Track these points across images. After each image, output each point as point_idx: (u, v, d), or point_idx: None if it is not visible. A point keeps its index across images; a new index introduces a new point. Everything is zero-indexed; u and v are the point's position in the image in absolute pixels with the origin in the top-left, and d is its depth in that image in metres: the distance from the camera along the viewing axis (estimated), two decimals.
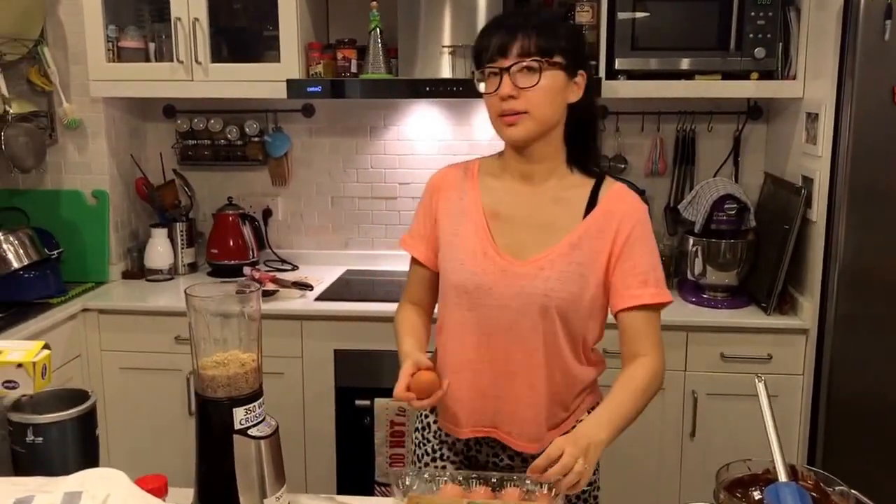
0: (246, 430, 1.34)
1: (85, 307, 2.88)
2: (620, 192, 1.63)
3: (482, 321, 1.62)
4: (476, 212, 1.64)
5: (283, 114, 3.31)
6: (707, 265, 2.76)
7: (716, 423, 2.69)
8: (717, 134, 3.15)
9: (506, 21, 1.58)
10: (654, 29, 2.74)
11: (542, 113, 1.54)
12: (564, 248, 1.58)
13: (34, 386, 1.32)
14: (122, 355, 2.89)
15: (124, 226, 3.27)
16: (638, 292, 1.58)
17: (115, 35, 2.99)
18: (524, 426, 1.66)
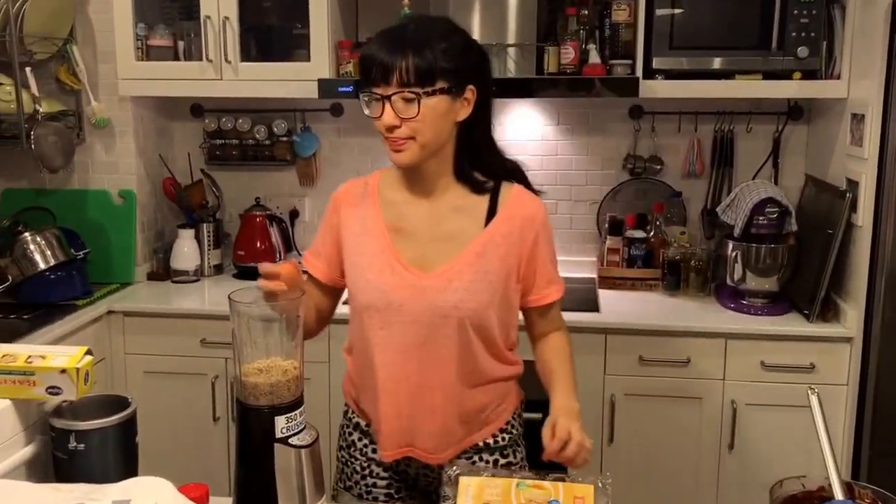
0: (287, 439, 1.30)
1: (110, 309, 2.84)
2: (519, 196, 1.66)
3: (395, 339, 1.60)
4: (378, 229, 1.63)
5: (311, 113, 3.26)
6: (747, 270, 2.69)
7: (756, 434, 2.62)
8: (757, 135, 3.07)
9: (387, 42, 1.51)
10: (692, 27, 2.67)
11: (426, 139, 1.54)
12: (471, 258, 1.59)
13: (77, 392, 1.30)
14: (147, 359, 2.85)
15: (150, 226, 3.24)
16: (546, 291, 1.69)
17: (144, 33, 2.96)
18: (440, 439, 1.65)
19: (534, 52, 2.82)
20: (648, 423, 2.66)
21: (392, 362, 1.61)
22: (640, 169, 3.13)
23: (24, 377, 1.30)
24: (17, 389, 1.30)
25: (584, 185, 3.21)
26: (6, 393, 1.29)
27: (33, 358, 1.31)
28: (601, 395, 2.65)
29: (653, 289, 2.97)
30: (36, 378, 1.30)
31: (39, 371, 1.30)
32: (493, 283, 1.59)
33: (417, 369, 1.60)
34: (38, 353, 1.32)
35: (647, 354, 2.61)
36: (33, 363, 1.30)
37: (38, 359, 1.31)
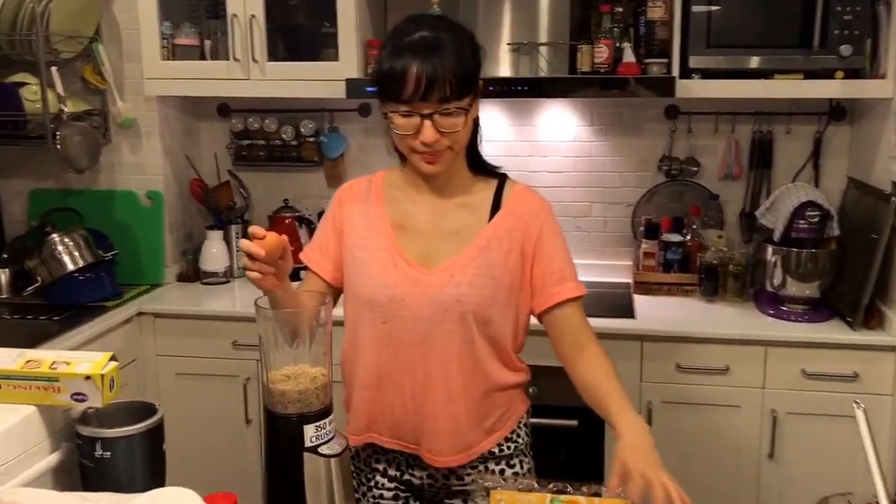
0: (316, 448, 1.26)
1: (140, 310, 2.82)
2: (523, 192, 1.64)
3: (397, 333, 1.57)
4: (382, 225, 1.60)
5: (339, 113, 3.22)
6: (787, 276, 2.61)
7: (797, 443, 2.53)
8: (797, 136, 2.98)
9: (419, 53, 1.43)
10: (730, 25, 2.59)
11: (461, 146, 1.54)
12: (473, 252, 1.57)
13: (102, 399, 1.27)
14: (178, 360, 2.83)
15: (179, 227, 3.22)
16: (558, 289, 1.60)
17: (169, 32, 2.93)
18: (446, 440, 1.60)
19: (566, 51, 2.75)
20: (686, 431, 2.59)
21: (395, 356, 1.58)
22: (675, 171, 3.05)
23: (49, 383, 1.26)
24: (41, 396, 1.27)
25: (619, 188, 3.14)
26: (31, 399, 1.26)
27: (58, 364, 1.28)
28: (637, 403, 2.58)
29: (689, 294, 2.89)
30: (60, 384, 1.26)
31: (64, 377, 1.26)
32: (497, 277, 1.56)
33: (421, 365, 1.57)
34: (63, 359, 1.29)
35: (684, 362, 2.54)
36: (57, 369, 1.27)
37: (63, 364, 1.28)
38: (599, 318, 2.61)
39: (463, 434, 1.60)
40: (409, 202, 1.62)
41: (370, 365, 1.60)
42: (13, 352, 1.31)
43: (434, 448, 1.60)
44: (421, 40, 1.45)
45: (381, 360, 1.59)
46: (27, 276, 2.85)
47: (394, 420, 1.62)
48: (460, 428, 1.60)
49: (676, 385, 2.56)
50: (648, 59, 2.68)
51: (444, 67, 1.42)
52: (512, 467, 1.67)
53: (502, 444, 1.66)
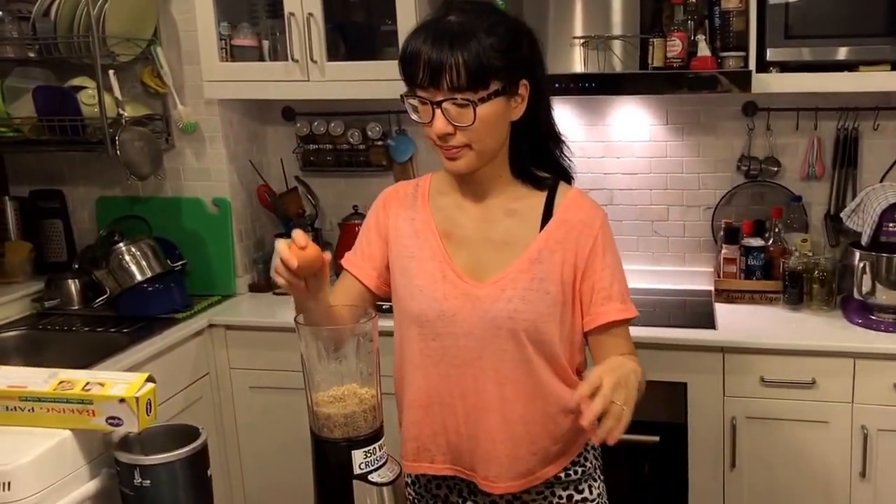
0: (366, 475, 1.19)
1: (211, 322, 2.79)
2: (576, 198, 1.53)
3: (448, 351, 1.47)
4: (429, 233, 1.52)
5: (405, 115, 3.14)
6: (876, 283, 2.43)
7: (890, 462, 2.36)
8: (885, 132, 2.79)
9: (432, 37, 1.34)
10: (811, 14, 2.41)
11: (482, 147, 1.42)
12: (524, 265, 1.47)
13: (139, 423, 1.20)
14: (251, 373, 2.78)
15: (249, 235, 3.18)
16: (602, 309, 1.49)
17: (227, 33, 2.86)
18: (504, 466, 1.49)
19: (637, 46, 2.63)
20: (772, 447, 2.44)
21: (447, 375, 1.49)
22: (755, 171, 2.89)
23: (83, 406, 1.20)
24: (75, 419, 1.21)
25: (697, 190, 2.99)
26: (64, 423, 1.21)
27: (91, 385, 1.21)
28: (720, 419, 2.45)
29: (773, 302, 2.73)
30: (94, 407, 1.20)
31: (98, 400, 1.20)
32: (551, 292, 1.47)
33: (472, 386, 1.48)
34: (97, 380, 1.23)
35: (768, 375, 2.39)
36: (91, 391, 1.20)
37: (97, 386, 1.21)
38: (679, 328, 2.53)
39: (523, 459, 1.51)
40: (455, 208, 1.54)
41: (419, 384, 1.52)
42: (45, 372, 1.26)
43: (491, 474, 1.51)
44: (442, 24, 1.37)
45: (430, 379, 1.51)
46: (97, 286, 2.85)
47: (447, 443, 1.53)
48: (520, 452, 1.50)
49: (761, 399, 2.41)
50: (724, 53, 2.54)
51: (454, 54, 1.33)
52: (580, 492, 1.57)
53: (568, 469, 1.56)
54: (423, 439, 1.54)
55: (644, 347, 1.77)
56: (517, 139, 1.48)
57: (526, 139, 1.50)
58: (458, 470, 1.55)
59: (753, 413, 2.44)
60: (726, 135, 2.93)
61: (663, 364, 2.43)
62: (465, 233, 1.52)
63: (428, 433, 1.53)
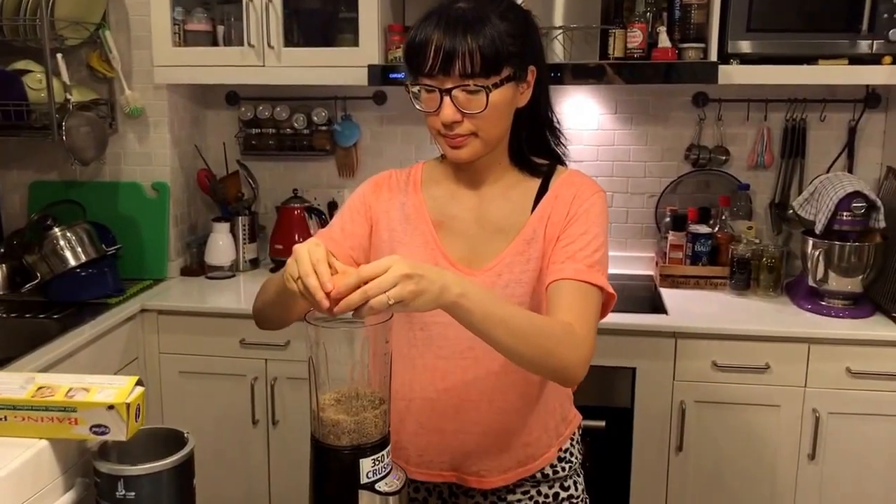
0: (373, 485, 1.13)
1: (144, 307, 2.69)
2: (571, 175, 1.48)
3: (434, 342, 1.43)
4: (421, 220, 1.46)
5: (352, 101, 3.08)
6: (829, 270, 2.49)
7: (839, 444, 2.43)
8: (830, 124, 2.87)
9: (442, 21, 1.31)
10: (772, 8, 2.46)
11: (489, 135, 1.38)
12: (520, 247, 1.42)
13: (127, 431, 1.10)
14: (183, 359, 2.69)
15: (184, 220, 3.08)
16: (562, 266, 1.36)
17: (181, 18, 2.79)
18: (495, 460, 1.46)
19: (597, 36, 2.61)
20: (721, 431, 2.48)
21: (433, 368, 1.44)
22: (704, 160, 2.93)
23: (65, 414, 1.10)
24: (55, 428, 1.10)
25: (643, 178, 3.02)
26: (41, 432, 1.10)
27: (75, 391, 1.12)
28: (669, 402, 2.48)
29: (718, 287, 2.78)
30: (78, 415, 1.10)
31: (82, 407, 1.10)
32: (544, 269, 1.41)
33: (461, 379, 1.43)
34: (81, 385, 1.13)
35: (721, 359, 2.43)
36: (75, 397, 1.11)
37: (81, 392, 1.11)
38: (631, 313, 2.53)
39: (517, 450, 1.48)
40: (449, 197, 1.48)
41: (403, 377, 1.46)
42: (21, 377, 1.15)
43: (483, 469, 1.47)
44: (453, 11, 1.33)
45: (415, 370, 1.45)
46: (25, 272, 2.71)
47: (427, 442, 1.47)
48: (513, 443, 1.47)
49: (712, 384, 2.45)
50: (684, 44, 2.55)
51: (468, 39, 1.29)
52: (566, 489, 1.55)
53: (556, 465, 1.54)
54: (402, 437, 1.48)
55: None
56: (517, 127, 1.44)
57: (526, 126, 1.46)
58: (435, 474, 1.49)
59: (703, 397, 2.47)
60: (676, 125, 2.96)
61: (612, 349, 2.44)
62: (458, 222, 1.47)
63: (409, 430, 1.48)
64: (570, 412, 1.59)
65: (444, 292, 1.13)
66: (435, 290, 1.12)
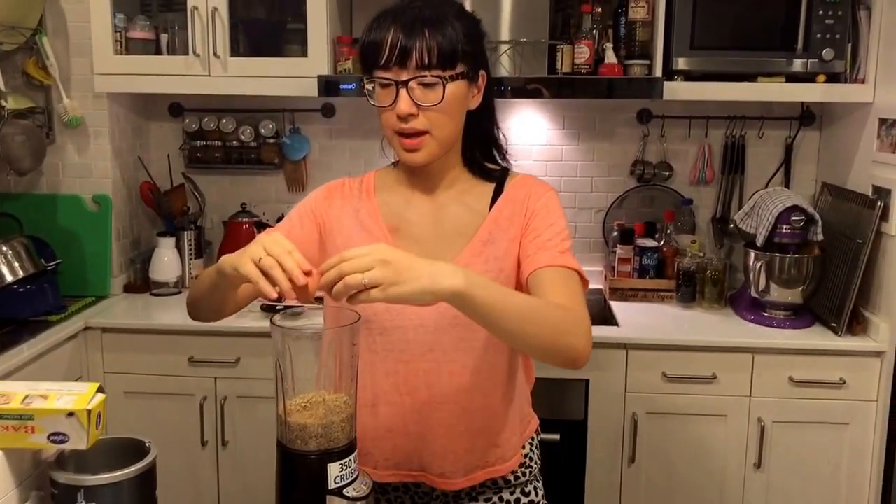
0: (341, 490, 1.11)
1: (87, 325, 2.61)
2: (525, 178, 1.52)
3: (395, 346, 1.42)
4: (376, 226, 1.47)
5: (300, 114, 3.06)
6: (771, 282, 2.56)
7: (784, 452, 2.49)
8: (768, 141, 2.96)
9: (399, 19, 1.34)
10: (714, 26, 2.54)
11: (443, 133, 1.39)
12: (477, 248, 1.43)
13: (87, 440, 1.06)
14: (128, 378, 2.61)
15: (127, 234, 3.01)
16: (536, 258, 1.38)
17: (122, 25, 2.73)
18: (461, 461, 1.47)
19: (545, 52, 2.66)
20: (671, 442, 2.52)
21: (394, 372, 1.43)
22: (648, 175, 3.00)
23: (21, 422, 1.06)
24: (10, 437, 1.06)
25: (590, 192, 3.07)
26: None
27: (32, 398, 1.07)
28: (622, 414, 2.50)
29: (665, 300, 2.84)
30: (35, 423, 1.06)
31: (40, 414, 1.06)
32: (505, 269, 1.43)
33: (425, 380, 1.43)
34: (38, 392, 1.09)
35: (670, 371, 2.47)
36: (32, 404, 1.06)
37: (39, 399, 1.07)
38: None
39: (482, 450, 1.48)
40: (403, 203, 1.49)
41: (364, 383, 1.44)
42: None
43: (448, 471, 1.46)
44: (412, 11, 1.36)
45: (376, 377, 1.45)
46: None
47: (393, 446, 1.47)
48: (478, 444, 1.47)
49: (662, 395, 2.49)
50: (629, 61, 2.61)
51: (426, 34, 1.32)
52: (527, 495, 1.55)
53: (517, 470, 1.54)
54: (366, 443, 1.46)
55: None
56: (469, 132, 1.47)
57: (476, 132, 1.48)
58: (405, 474, 1.49)
59: (654, 408, 2.51)
60: (621, 140, 3.02)
61: None
62: (414, 227, 1.47)
63: (371, 437, 1.47)
64: (530, 414, 1.60)
65: (438, 282, 1.11)
66: (423, 279, 1.10)
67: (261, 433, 2.57)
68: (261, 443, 2.58)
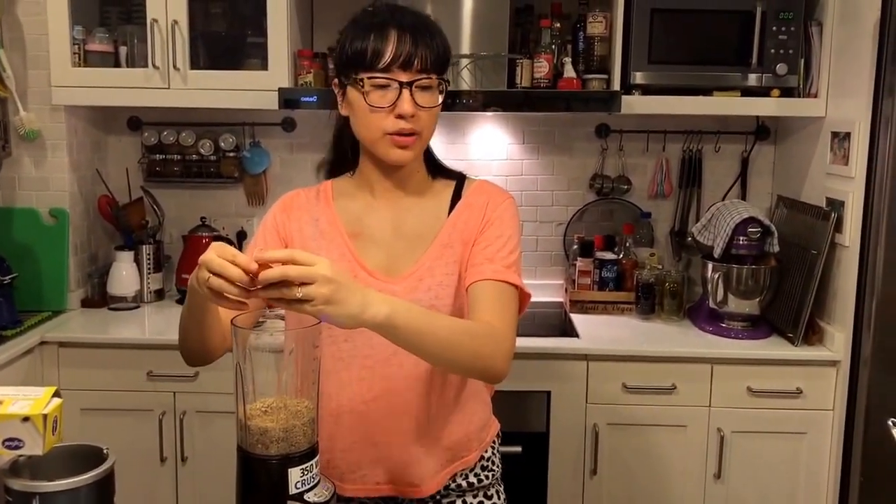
0: (302, 495, 1.11)
1: (43, 339, 2.56)
2: (482, 184, 1.55)
3: (360, 351, 1.44)
4: (336, 233, 1.48)
5: (260, 127, 3.05)
6: (728, 293, 2.60)
7: (742, 461, 2.52)
8: (724, 155, 3.02)
9: (396, 25, 1.37)
10: (671, 41, 2.58)
11: (428, 135, 1.46)
12: (437, 251, 1.46)
13: (44, 445, 1.05)
14: (85, 394, 2.56)
15: (84, 249, 2.96)
16: (482, 268, 1.42)
17: (81, 37, 2.70)
18: (423, 466, 1.47)
19: (505, 66, 2.69)
20: (632, 453, 2.53)
21: (360, 378, 1.43)
22: (607, 189, 3.03)
23: None
24: None
25: (550, 206, 3.10)
26: None
27: None
28: (583, 426, 2.52)
29: (625, 312, 2.86)
30: None
31: None
32: (463, 273, 1.46)
33: (387, 387, 1.43)
34: None
35: (631, 381, 2.49)
36: None
37: None
38: (544, 337, 2.57)
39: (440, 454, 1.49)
40: (364, 209, 1.50)
41: (331, 392, 1.45)
42: None
43: (416, 479, 1.46)
44: (401, 15, 1.39)
45: (341, 385, 1.44)
46: None
47: (359, 458, 1.46)
48: (436, 449, 1.48)
49: (623, 406, 2.51)
50: (588, 75, 2.65)
51: (423, 38, 1.37)
52: (490, 498, 1.56)
53: (479, 474, 1.55)
54: (334, 454, 1.46)
55: None
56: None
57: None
58: (371, 489, 1.48)
59: (615, 419, 2.52)
60: (580, 155, 3.06)
61: (528, 373, 2.47)
62: (375, 231, 1.48)
63: (339, 447, 1.46)
64: (490, 419, 1.61)
65: (365, 311, 1.14)
66: (353, 305, 1.13)
67: (221, 448, 2.54)
68: (221, 458, 2.54)
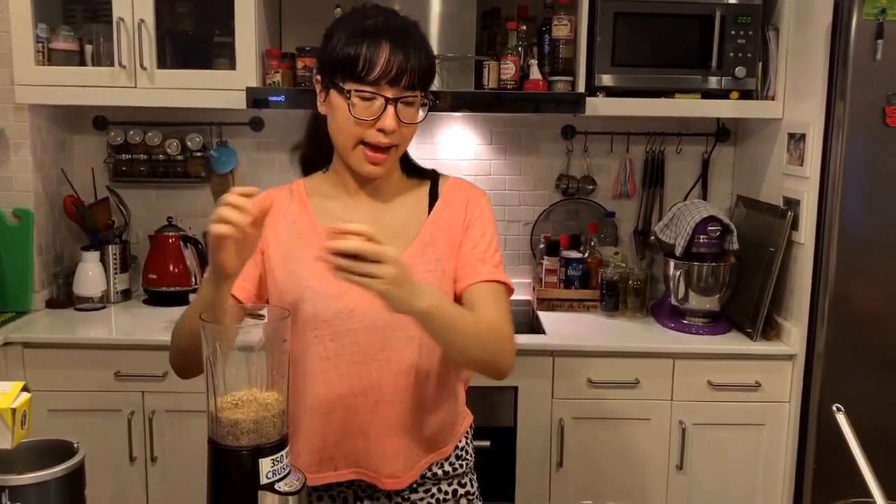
0: (273, 485, 1.12)
1: (7, 340, 2.54)
2: (457, 182, 1.58)
3: (347, 349, 1.45)
4: (314, 234, 1.47)
5: (228, 127, 3.06)
6: (689, 290, 2.66)
7: (704, 454, 2.58)
8: (685, 156, 3.08)
9: (388, 36, 1.36)
10: (634, 44, 2.64)
11: (405, 147, 1.47)
12: (418, 249, 1.48)
13: (12, 439, 1.05)
14: (52, 395, 2.54)
15: (49, 249, 2.94)
16: (477, 269, 1.48)
17: (45, 35, 2.68)
18: (400, 458, 1.50)
19: (472, 67, 2.72)
20: (597, 446, 2.59)
21: (348, 375, 1.45)
22: (573, 189, 3.08)
23: None
24: None
25: (518, 206, 3.14)
26: None
27: None
28: (549, 420, 2.56)
29: (590, 309, 2.92)
30: None
31: None
32: (447, 270, 1.48)
33: (376, 380, 1.45)
34: None
35: (595, 376, 2.54)
36: None
37: None
38: None
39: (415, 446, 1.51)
40: (342, 207, 1.50)
41: (319, 391, 1.46)
42: None
43: (397, 470, 1.49)
44: (394, 24, 1.40)
45: (330, 384, 1.45)
46: None
47: (350, 448, 1.48)
48: (413, 441, 1.50)
49: (588, 400, 2.56)
50: (553, 77, 2.69)
51: (414, 54, 1.37)
52: (463, 486, 1.59)
53: (454, 462, 1.58)
54: (328, 448, 1.48)
55: None
56: None
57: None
58: (362, 472, 1.50)
59: (580, 413, 2.57)
60: (546, 155, 3.10)
61: None
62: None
63: (332, 441, 1.48)
64: (464, 410, 1.64)
65: (414, 298, 1.24)
66: (408, 292, 1.23)
67: (191, 447, 2.54)
68: (191, 457, 2.54)
